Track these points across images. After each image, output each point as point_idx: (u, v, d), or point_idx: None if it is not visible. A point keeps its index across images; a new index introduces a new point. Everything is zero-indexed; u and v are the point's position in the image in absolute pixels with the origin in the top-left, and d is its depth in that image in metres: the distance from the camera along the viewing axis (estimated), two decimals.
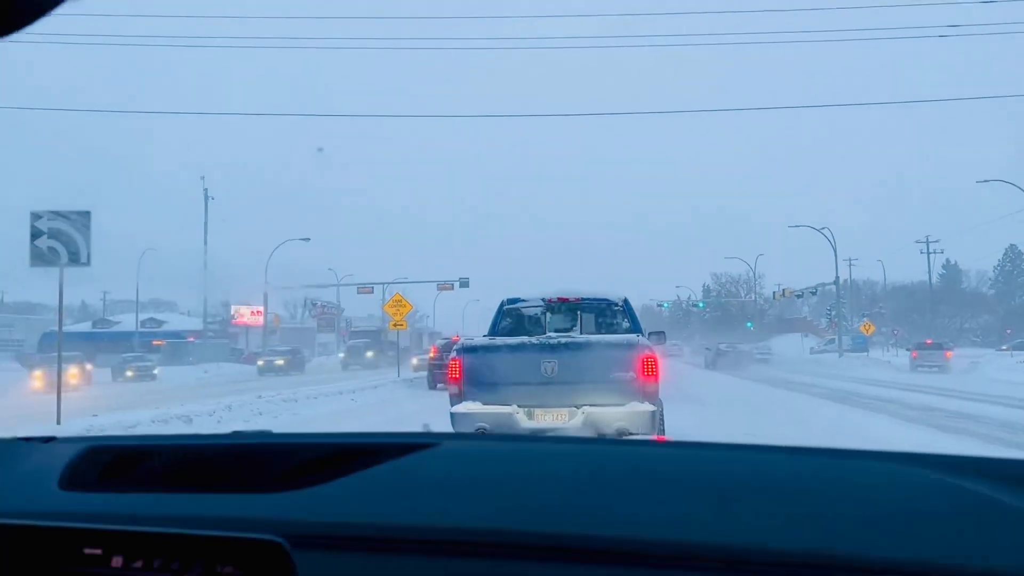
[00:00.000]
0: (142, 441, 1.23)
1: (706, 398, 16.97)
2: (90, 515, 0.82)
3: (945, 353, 35.39)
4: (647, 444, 1.32)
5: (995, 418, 13.51)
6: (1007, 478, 0.96)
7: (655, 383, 7.53)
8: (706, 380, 25.33)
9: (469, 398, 7.65)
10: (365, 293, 54.25)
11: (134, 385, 33.80)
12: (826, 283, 53.62)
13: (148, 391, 26.81)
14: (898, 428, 12.27)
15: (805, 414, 14.26)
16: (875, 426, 12.42)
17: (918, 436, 11.08)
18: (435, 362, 22.39)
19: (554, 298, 9.59)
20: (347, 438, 1.20)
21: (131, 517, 0.80)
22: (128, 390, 28.56)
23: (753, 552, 0.87)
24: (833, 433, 11.54)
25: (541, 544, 0.89)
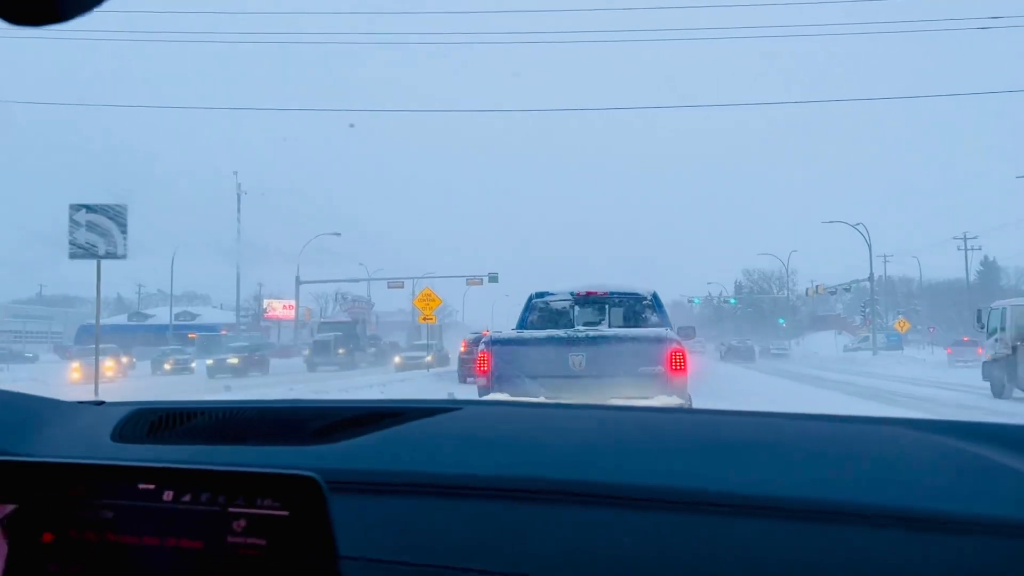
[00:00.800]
0: (185, 404, 1.30)
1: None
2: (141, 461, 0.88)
3: (977, 350, 34.87)
4: (659, 409, 1.38)
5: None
6: (994, 438, 1.02)
7: (683, 377, 7.53)
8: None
9: (497, 390, 7.70)
10: (396, 288, 54.62)
11: (172, 378, 34.26)
12: (860, 280, 53.02)
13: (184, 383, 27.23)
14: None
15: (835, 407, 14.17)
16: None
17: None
18: (465, 356, 22.57)
19: (583, 292, 9.62)
20: (377, 403, 1.27)
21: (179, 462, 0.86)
22: (165, 382, 29.05)
23: (756, 499, 0.92)
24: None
25: (555, 489, 0.95)
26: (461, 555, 0.90)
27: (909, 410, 13.79)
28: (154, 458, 1.04)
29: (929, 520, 0.86)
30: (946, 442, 1.02)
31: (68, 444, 1.20)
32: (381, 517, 0.96)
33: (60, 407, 1.39)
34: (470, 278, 50.84)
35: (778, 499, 0.91)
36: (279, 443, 1.12)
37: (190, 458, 1.07)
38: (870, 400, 16.35)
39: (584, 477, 0.97)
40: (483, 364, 7.98)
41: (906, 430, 1.08)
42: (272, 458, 1.07)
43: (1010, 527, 0.85)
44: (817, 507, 0.90)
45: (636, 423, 1.19)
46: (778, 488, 0.94)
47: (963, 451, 0.99)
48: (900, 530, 0.86)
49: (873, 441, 1.07)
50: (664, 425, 1.18)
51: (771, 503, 0.91)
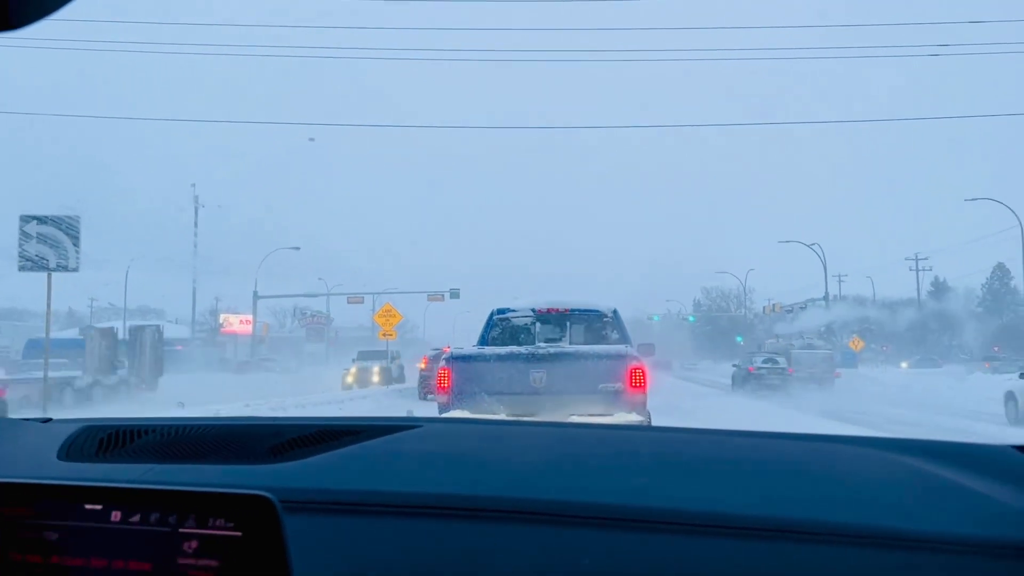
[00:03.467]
0: (137, 422, 1.27)
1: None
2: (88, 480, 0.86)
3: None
4: (618, 427, 1.38)
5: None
6: (948, 457, 1.04)
7: (643, 394, 7.57)
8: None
9: (457, 407, 7.66)
10: (355, 303, 54.15)
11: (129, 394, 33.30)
12: (816, 298, 53.90)
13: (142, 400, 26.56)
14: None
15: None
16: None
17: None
18: (425, 372, 22.50)
19: (544, 308, 9.63)
20: (335, 420, 1.25)
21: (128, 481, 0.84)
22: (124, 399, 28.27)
23: (713, 517, 0.93)
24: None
25: (515, 508, 0.94)
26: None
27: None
28: (103, 477, 1.02)
29: (882, 538, 0.87)
30: (898, 460, 1.04)
31: (11, 462, 1.17)
32: (337, 537, 0.94)
33: (3, 424, 1.35)
34: (431, 294, 50.60)
35: (734, 517, 0.92)
36: (233, 461, 1.10)
37: (140, 477, 1.04)
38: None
39: (544, 496, 0.97)
40: (443, 381, 7.94)
41: (859, 448, 1.10)
42: (225, 477, 1.04)
43: (962, 545, 0.86)
44: (772, 525, 0.90)
45: (595, 440, 1.19)
46: (734, 506, 0.94)
47: (915, 468, 1.01)
48: (854, 548, 0.87)
49: (827, 459, 1.08)
50: (623, 443, 1.18)
51: (727, 521, 0.91)
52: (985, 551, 0.85)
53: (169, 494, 0.79)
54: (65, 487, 0.84)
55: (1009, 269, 76.20)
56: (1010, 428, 17.31)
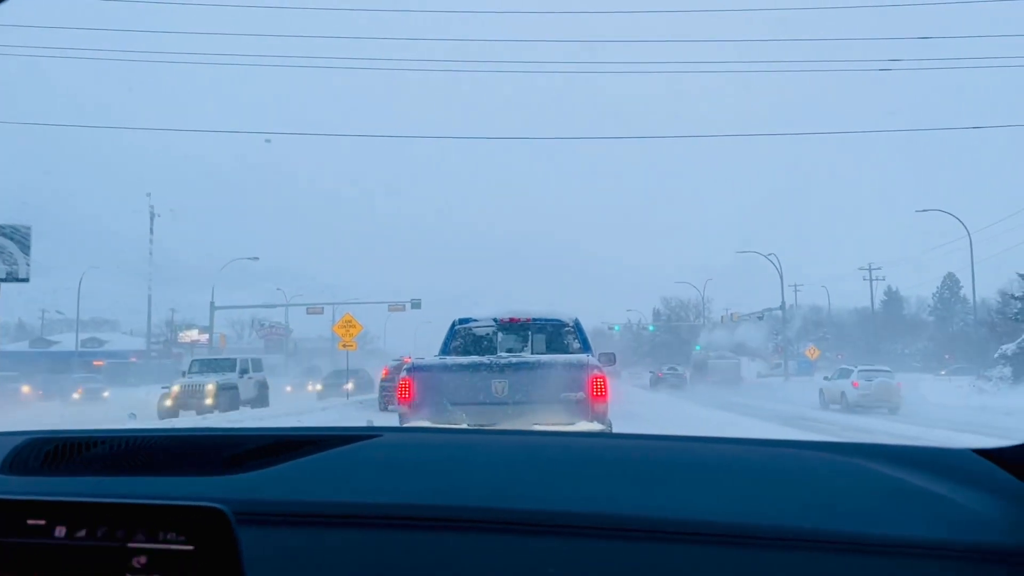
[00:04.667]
0: (86, 433, 1.22)
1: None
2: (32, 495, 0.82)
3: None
4: (580, 434, 1.37)
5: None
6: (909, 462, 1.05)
7: (604, 403, 7.59)
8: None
9: (419, 418, 7.61)
10: (315, 313, 53.57)
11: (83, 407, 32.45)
12: (773, 308, 54.69)
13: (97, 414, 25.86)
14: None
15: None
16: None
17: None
18: (386, 383, 22.30)
19: (506, 318, 9.62)
20: (293, 430, 1.22)
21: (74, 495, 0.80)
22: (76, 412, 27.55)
23: (676, 523, 0.93)
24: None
25: (477, 517, 0.92)
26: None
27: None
28: (47, 491, 0.97)
29: (846, 543, 0.87)
30: (860, 464, 1.04)
31: None
32: (294, 550, 0.91)
33: None
34: (392, 304, 50.25)
35: (700, 523, 0.91)
36: (186, 473, 1.06)
37: (87, 491, 1.00)
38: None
39: (506, 505, 0.95)
40: (405, 391, 7.88)
41: (821, 453, 1.10)
42: (178, 489, 1.01)
43: (924, 548, 0.86)
44: (738, 531, 0.90)
45: (557, 449, 1.18)
46: (700, 512, 0.94)
47: (877, 473, 1.01)
48: (818, 553, 0.87)
49: (790, 465, 1.08)
50: (585, 450, 1.17)
51: (693, 528, 0.91)
52: (947, 554, 0.86)
53: (117, 507, 0.76)
54: (4, 501, 0.80)
55: (959, 279, 78.21)
56: (820, 411, 24.98)
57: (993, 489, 0.96)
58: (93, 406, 32.96)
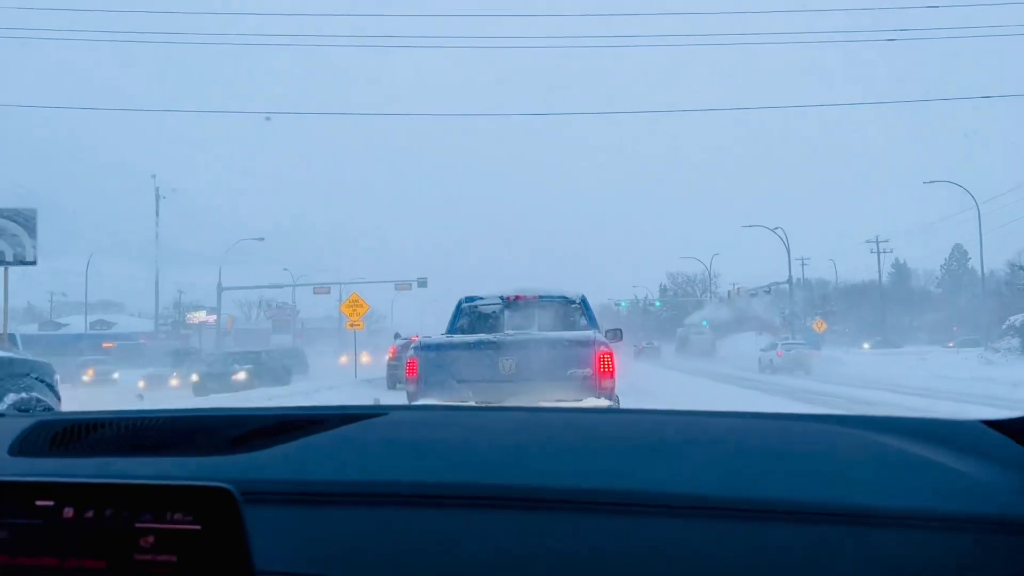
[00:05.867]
0: (93, 415, 1.22)
1: None
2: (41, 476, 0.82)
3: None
4: (587, 410, 1.37)
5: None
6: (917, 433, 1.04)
7: (611, 379, 7.61)
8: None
9: (426, 396, 7.65)
10: (322, 293, 53.72)
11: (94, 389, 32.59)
12: (779, 282, 54.58)
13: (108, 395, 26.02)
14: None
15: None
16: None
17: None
18: (394, 362, 22.42)
19: (512, 296, 9.62)
20: (299, 410, 1.22)
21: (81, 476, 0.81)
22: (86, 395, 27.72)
23: (685, 498, 0.92)
24: None
25: (484, 494, 0.93)
26: (387, 566, 0.87)
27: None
28: (55, 472, 0.98)
29: (856, 515, 0.87)
30: (869, 437, 1.04)
31: None
32: (301, 529, 0.92)
33: None
34: (399, 283, 50.28)
35: (708, 498, 0.91)
36: (192, 453, 1.07)
37: (95, 471, 1.01)
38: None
39: (513, 481, 0.95)
40: (412, 370, 7.91)
41: (829, 426, 1.10)
42: (184, 469, 1.01)
43: (934, 520, 0.86)
44: (746, 505, 0.90)
45: (565, 424, 1.18)
46: (708, 487, 0.94)
47: (886, 445, 1.01)
48: (828, 526, 0.87)
49: (798, 438, 1.08)
50: (593, 426, 1.17)
51: (701, 502, 0.91)
52: (957, 525, 0.86)
53: (123, 488, 0.76)
54: (13, 483, 0.80)
55: (967, 250, 77.85)
56: (756, 374, 31.73)
57: (1003, 460, 0.95)
58: (103, 388, 33.16)
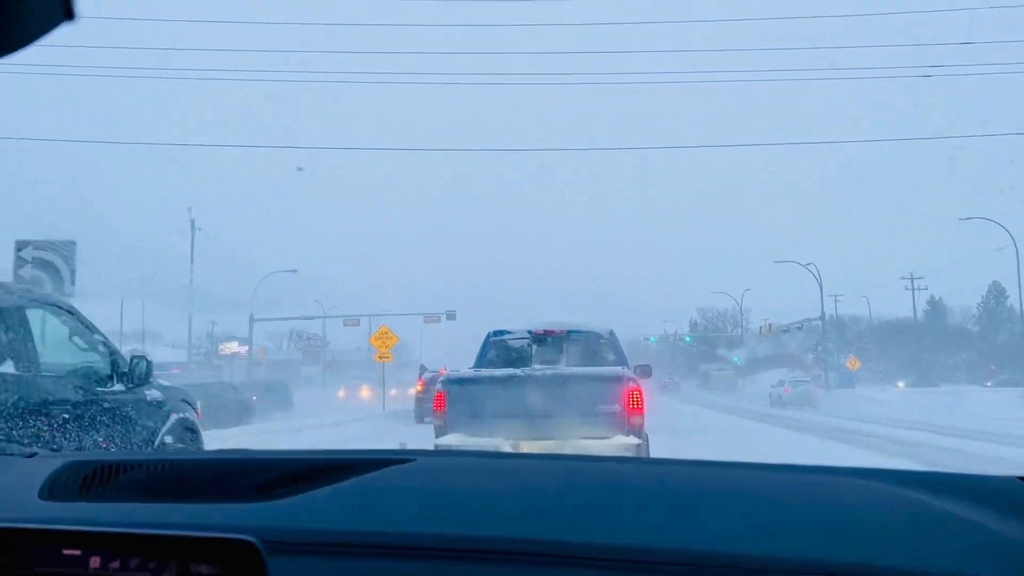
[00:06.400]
0: (123, 457, 1.24)
1: None
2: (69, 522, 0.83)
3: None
4: (616, 460, 1.35)
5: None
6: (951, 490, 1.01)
7: (641, 416, 7.53)
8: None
9: (454, 430, 7.62)
10: (352, 325, 53.96)
11: None
12: (812, 318, 53.89)
13: None
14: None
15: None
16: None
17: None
18: (422, 395, 22.37)
19: (540, 330, 9.59)
20: (325, 455, 1.22)
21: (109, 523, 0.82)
22: None
23: (711, 556, 0.90)
24: None
25: (512, 549, 0.92)
26: None
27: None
28: (84, 518, 0.99)
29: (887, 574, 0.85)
30: (901, 493, 1.01)
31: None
32: None
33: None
34: (428, 315, 50.38)
35: (738, 556, 0.89)
36: (219, 500, 1.07)
37: (122, 518, 1.01)
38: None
39: (541, 535, 0.94)
40: (440, 404, 7.89)
41: (861, 481, 1.07)
42: (210, 517, 1.01)
43: None
44: (778, 564, 0.88)
45: (594, 475, 1.16)
46: (738, 544, 0.92)
47: (919, 502, 0.98)
48: None
49: (830, 493, 1.06)
50: (622, 477, 1.15)
51: (732, 560, 0.89)
52: None
53: (149, 538, 0.77)
54: (42, 531, 0.82)
55: (1004, 288, 76.39)
56: (768, 408, 36.38)
57: None
58: None
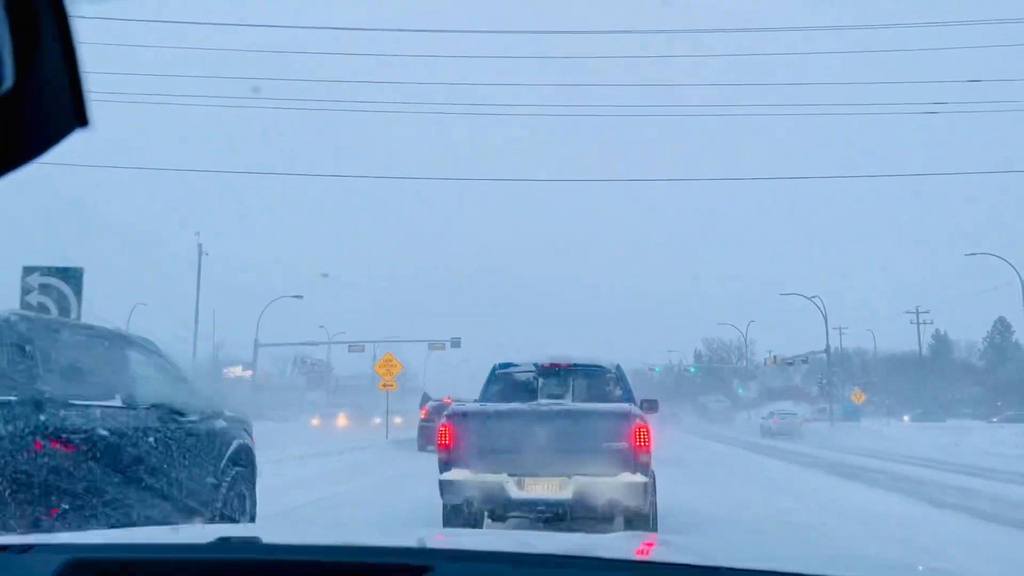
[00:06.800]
0: (125, 553, 1.17)
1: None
2: None
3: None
4: (625, 564, 1.28)
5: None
6: None
7: (647, 453, 7.45)
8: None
9: (458, 465, 7.54)
10: (356, 351, 53.88)
11: None
12: (817, 351, 53.65)
13: None
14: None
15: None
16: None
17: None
18: (425, 423, 22.33)
19: (546, 363, 9.52)
20: (338, 554, 1.16)
21: None
22: None
23: None
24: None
25: None
26: None
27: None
28: None
29: None
30: None
31: None
32: None
33: None
34: (432, 343, 50.23)
35: None
36: None
37: None
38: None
39: None
40: (445, 438, 7.83)
41: None
42: None
43: None
44: None
45: None
46: None
47: None
48: None
49: None
50: None
51: None
52: None
53: None
54: None
55: (1010, 323, 76.08)
56: (759, 438, 40.85)
57: None
58: None
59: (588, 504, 7.25)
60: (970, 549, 7.63)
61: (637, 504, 7.22)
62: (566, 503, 7.25)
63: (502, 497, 7.33)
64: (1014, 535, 8.76)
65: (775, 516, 9.83)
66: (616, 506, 7.25)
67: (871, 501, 11.87)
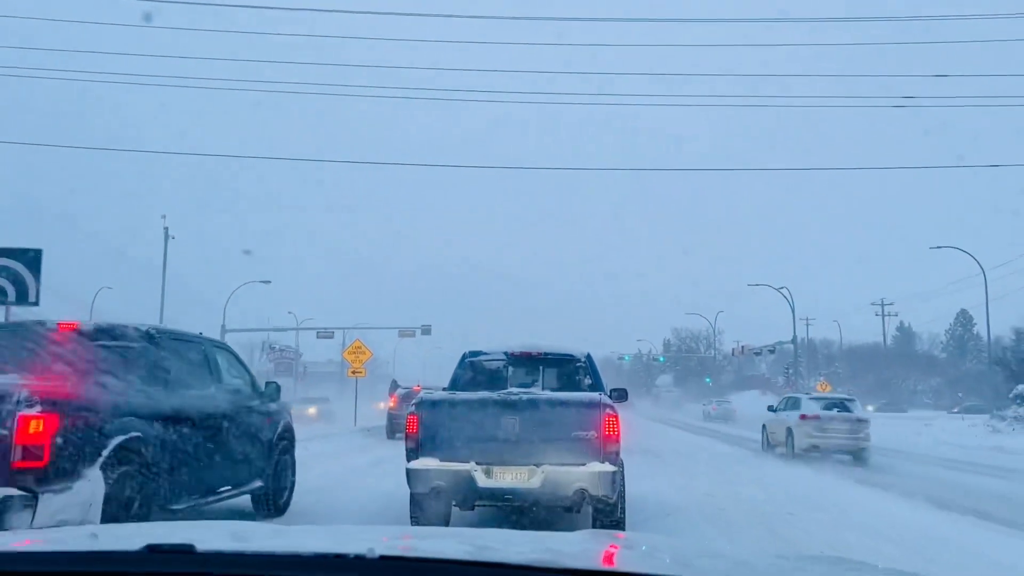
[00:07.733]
0: (41, 566, 1.07)
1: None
2: None
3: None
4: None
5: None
6: None
7: (616, 443, 7.42)
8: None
9: (426, 454, 7.47)
10: (325, 338, 53.44)
11: None
12: (784, 341, 54.26)
13: None
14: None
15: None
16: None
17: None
18: (395, 412, 22.31)
19: (517, 352, 9.47)
20: (278, 566, 1.06)
21: None
22: None
23: None
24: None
25: None
26: None
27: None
28: None
29: None
30: None
31: None
32: None
33: None
34: (402, 330, 49.92)
35: None
36: None
37: None
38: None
39: None
40: (413, 426, 7.74)
41: None
42: None
43: None
44: None
45: None
46: None
47: None
48: None
49: None
50: None
51: None
52: None
53: None
54: None
55: (972, 316, 77.52)
56: (700, 421, 48.07)
57: None
58: None
59: (556, 493, 7.22)
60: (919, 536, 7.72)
61: (605, 493, 7.20)
62: (534, 492, 7.21)
63: (470, 486, 7.27)
64: (974, 524, 8.90)
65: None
66: (584, 495, 7.23)
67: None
